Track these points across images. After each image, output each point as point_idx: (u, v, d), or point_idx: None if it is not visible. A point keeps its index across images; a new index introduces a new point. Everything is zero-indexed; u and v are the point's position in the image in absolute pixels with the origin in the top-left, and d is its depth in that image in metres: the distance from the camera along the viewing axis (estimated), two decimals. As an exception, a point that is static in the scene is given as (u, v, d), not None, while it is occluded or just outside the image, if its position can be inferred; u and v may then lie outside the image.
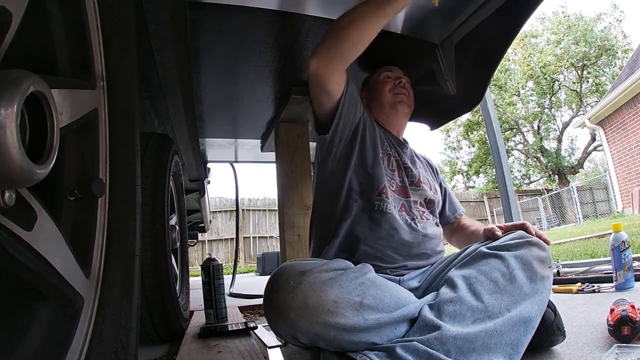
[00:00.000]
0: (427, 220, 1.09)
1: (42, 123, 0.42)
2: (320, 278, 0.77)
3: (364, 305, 0.76)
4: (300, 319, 0.74)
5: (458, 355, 0.67)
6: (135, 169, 0.63)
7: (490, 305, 0.73)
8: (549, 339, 0.83)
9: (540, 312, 0.76)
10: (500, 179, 2.88)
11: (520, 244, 0.82)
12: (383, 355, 0.71)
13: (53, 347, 0.46)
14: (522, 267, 0.78)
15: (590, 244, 3.63)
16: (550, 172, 15.71)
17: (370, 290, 0.79)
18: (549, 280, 0.79)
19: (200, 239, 6.68)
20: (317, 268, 0.80)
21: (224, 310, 1.60)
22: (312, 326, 0.74)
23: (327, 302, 0.74)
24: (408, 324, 0.78)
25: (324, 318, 0.73)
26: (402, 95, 1.19)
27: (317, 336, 0.75)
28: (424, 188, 1.14)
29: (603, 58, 14.53)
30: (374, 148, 1.10)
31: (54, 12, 0.52)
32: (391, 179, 1.09)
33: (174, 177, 1.55)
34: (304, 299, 0.74)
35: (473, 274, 0.79)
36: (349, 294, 0.77)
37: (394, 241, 1.01)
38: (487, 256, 0.81)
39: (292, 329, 0.76)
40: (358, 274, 0.82)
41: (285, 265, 0.83)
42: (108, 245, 0.57)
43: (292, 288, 0.75)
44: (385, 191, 1.05)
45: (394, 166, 1.12)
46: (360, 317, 0.75)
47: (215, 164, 2.72)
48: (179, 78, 1.07)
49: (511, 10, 1.07)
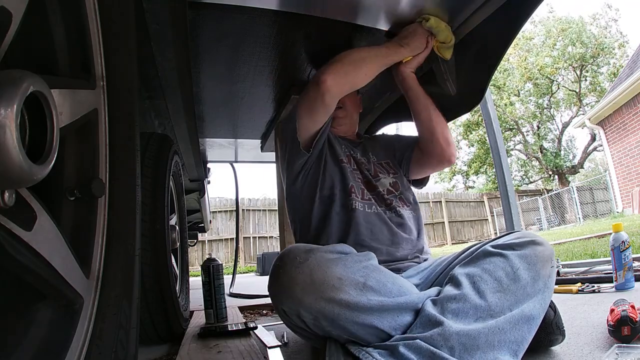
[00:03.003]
0: (399, 207, 1.15)
1: (42, 123, 0.42)
2: (326, 257, 0.80)
3: (367, 287, 0.77)
4: (306, 293, 0.75)
5: (462, 352, 0.67)
6: (135, 169, 0.63)
7: (494, 304, 0.74)
8: (548, 338, 0.83)
9: (543, 311, 0.76)
10: (500, 179, 2.88)
11: (525, 243, 0.82)
12: (386, 353, 0.71)
13: (53, 347, 0.46)
14: (526, 266, 0.78)
15: (590, 244, 3.63)
16: (550, 172, 15.71)
17: (374, 273, 0.80)
18: (551, 279, 0.80)
19: (200, 239, 6.68)
20: (323, 248, 0.83)
21: (224, 310, 1.60)
22: (317, 302, 0.75)
23: (332, 278, 0.76)
24: (411, 314, 0.78)
25: (329, 293, 0.75)
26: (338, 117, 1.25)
27: (321, 313, 0.76)
28: (381, 178, 1.20)
29: (600, 57, 14.54)
30: (335, 154, 1.19)
31: (54, 12, 0.52)
32: (356, 177, 1.17)
33: (174, 177, 1.55)
34: (310, 274, 0.76)
35: (477, 272, 0.79)
36: (353, 273, 0.78)
37: (374, 233, 1.08)
38: (492, 255, 0.81)
39: (296, 305, 0.77)
40: (362, 258, 0.84)
41: (292, 246, 0.86)
42: (108, 245, 0.57)
43: (298, 263, 0.78)
44: (354, 190, 1.13)
45: (354, 166, 1.21)
46: (363, 297, 0.76)
47: (215, 164, 2.72)
48: (179, 78, 1.06)
49: (511, 11, 1.07)
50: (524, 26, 1.11)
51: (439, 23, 1.14)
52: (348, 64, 1.06)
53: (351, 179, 1.15)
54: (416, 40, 1.13)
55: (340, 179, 1.15)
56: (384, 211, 1.13)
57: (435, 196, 11.84)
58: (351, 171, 1.18)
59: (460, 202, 12.28)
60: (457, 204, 12.21)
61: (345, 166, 1.17)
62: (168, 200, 1.31)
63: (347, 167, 1.17)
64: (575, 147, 16.92)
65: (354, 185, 1.14)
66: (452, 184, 18.05)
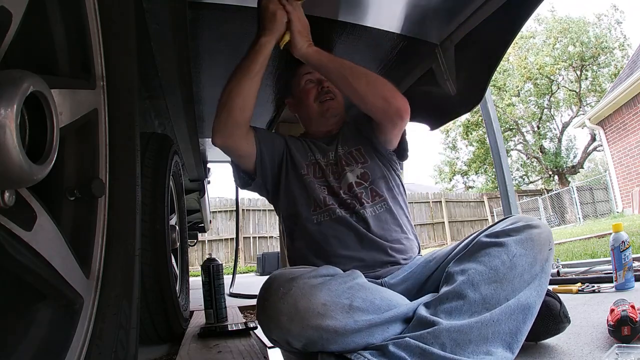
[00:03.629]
0: (364, 206, 1.06)
1: (42, 123, 0.42)
2: (309, 283, 0.78)
3: (354, 308, 0.76)
4: (292, 323, 0.74)
5: (454, 347, 0.67)
6: (135, 169, 0.63)
7: (489, 297, 0.72)
8: (556, 327, 0.86)
9: (540, 298, 0.74)
10: (500, 179, 2.88)
11: (521, 227, 0.79)
12: (377, 354, 0.71)
13: (53, 347, 0.46)
14: (523, 252, 0.76)
15: (590, 244, 3.64)
16: (550, 172, 15.71)
17: (359, 293, 0.79)
18: (549, 262, 0.78)
19: (200, 239, 6.68)
20: (306, 274, 0.80)
21: (224, 310, 1.60)
22: (304, 330, 0.74)
23: (317, 305, 0.74)
24: (401, 323, 0.77)
25: (315, 321, 0.73)
26: (328, 101, 1.16)
27: (309, 340, 0.75)
28: (347, 172, 1.10)
29: (601, 57, 14.54)
30: (296, 168, 1.14)
31: (54, 12, 0.52)
32: (321, 185, 1.11)
33: (174, 177, 1.55)
34: (294, 304, 0.75)
35: (472, 266, 0.77)
36: (338, 297, 0.77)
37: (342, 241, 1.03)
38: (487, 245, 0.79)
39: (284, 334, 0.76)
40: (347, 278, 0.82)
41: (275, 274, 0.84)
42: (108, 245, 0.57)
43: (282, 294, 0.76)
44: (317, 202, 1.08)
45: (320, 173, 1.13)
46: (350, 319, 0.74)
47: (215, 164, 2.72)
48: (179, 78, 1.07)
49: (511, 11, 1.07)
50: (523, 26, 1.11)
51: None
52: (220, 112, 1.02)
53: (314, 191, 1.09)
54: (267, 17, 0.98)
55: (303, 194, 1.10)
56: (349, 215, 1.05)
57: (435, 196, 11.84)
58: (314, 182, 1.11)
59: (460, 202, 12.28)
60: (457, 204, 12.20)
61: (307, 179, 1.11)
62: (168, 200, 1.31)
63: (309, 179, 1.11)
64: (576, 147, 16.91)
65: (316, 199, 1.08)
66: (452, 184, 18.06)
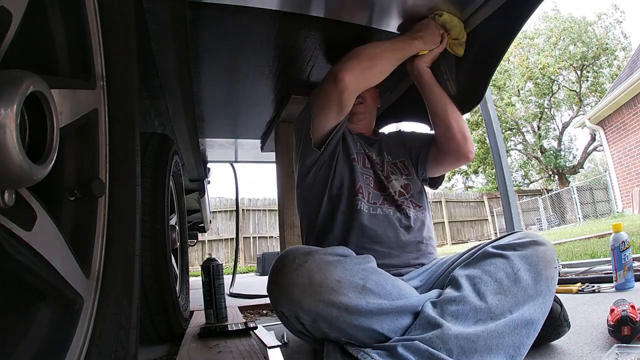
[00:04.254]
0: (408, 208, 1.12)
1: (42, 123, 0.42)
2: (325, 259, 0.79)
3: (367, 289, 0.77)
4: (304, 295, 0.75)
5: (460, 355, 0.67)
6: (135, 169, 0.63)
7: (494, 306, 0.73)
8: (556, 331, 0.85)
9: (544, 315, 0.75)
10: (500, 179, 2.87)
11: (527, 243, 0.80)
12: (384, 354, 0.71)
13: (53, 347, 0.46)
14: (527, 267, 0.77)
15: (590, 244, 3.63)
16: (550, 172, 15.71)
17: (373, 276, 0.80)
18: (553, 281, 0.78)
19: (200, 239, 6.68)
20: (322, 250, 0.82)
21: (224, 310, 1.60)
22: (316, 304, 0.74)
23: (331, 281, 0.75)
24: (410, 316, 0.78)
25: (327, 296, 0.74)
26: (356, 105, 1.17)
27: (319, 315, 0.75)
28: (392, 179, 1.18)
29: (602, 58, 14.53)
30: (348, 152, 1.17)
31: (54, 12, 0.52)
32: (368, 177, 1.15)
33: (174, 177, 1.55)
34: (308, 276, 0.75)
35: (477, 274, 0.78)
36: (352, 276, 0.77)
37: (378, 235, 1.05)
38: (492, 256, 0.80)
39: (295, 307, 0.76)
40: (361, 260, 0.83)
41: (291, 247, 0.85)
42: (108, 245, 0.57)
43: (297, 266, 0.77)
44: (362, 190, 1.11)
45: (368, 164, 1.18)
46: (362, 300, 0.75)
47: (215, 164, 2.72)
48: (179, 78, 1.06)
49: (511, 11, 1.07)
50: (524, 26, 1.11)
51: (452, 18, 1.12)
52: (365, 60, 1.03)
53: (360, 179, 1.12)
54: (430, 34, 1.12)
55: (349, 178, 1.13)
56: (393, 212, 1.10)
57: (435, 196, 11.83)
58: (362, 171, 1.15)
59: (460, 202, 12.28)
60: (457, 203, 12.21)
61: (355, 165, 1.14)
62: (168, 200, 1.31)
63: (357, 167, 1.14)
64: (576, 147, 16.93)
65: (362, 186, 1.11)
66: (452, 183, 18.08)
